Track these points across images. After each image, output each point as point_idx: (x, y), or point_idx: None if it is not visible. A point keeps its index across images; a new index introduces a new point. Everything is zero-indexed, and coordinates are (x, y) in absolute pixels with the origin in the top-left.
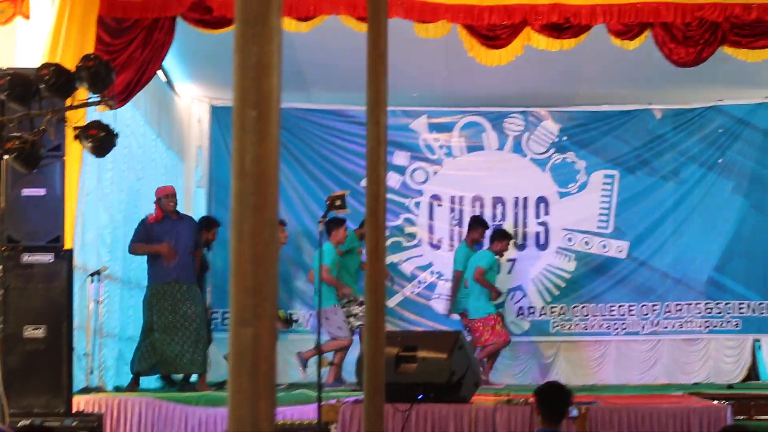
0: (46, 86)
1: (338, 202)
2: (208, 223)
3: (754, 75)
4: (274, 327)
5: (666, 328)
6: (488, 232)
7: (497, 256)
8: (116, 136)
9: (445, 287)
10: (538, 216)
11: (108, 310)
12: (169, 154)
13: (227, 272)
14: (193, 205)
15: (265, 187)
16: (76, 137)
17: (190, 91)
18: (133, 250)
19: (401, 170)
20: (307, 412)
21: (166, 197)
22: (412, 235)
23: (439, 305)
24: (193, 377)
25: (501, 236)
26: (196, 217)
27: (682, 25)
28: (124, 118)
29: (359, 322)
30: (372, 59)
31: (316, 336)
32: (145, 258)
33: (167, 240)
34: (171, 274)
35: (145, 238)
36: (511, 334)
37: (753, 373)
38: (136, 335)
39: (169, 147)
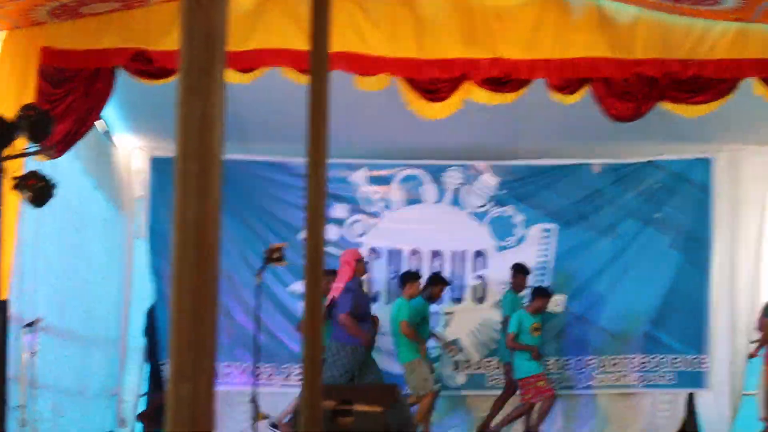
0: None
1: (276, 255)
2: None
3: (691, 130)
4: (213, 382)
5: (602, 382)
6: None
7: (537, 314)
8: (54, 186)
9: (383, 340)
10: (475, 269)
11: (43, 362)
12: (107, 206)
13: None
14: (134, 255)
15: (206, 241)
16: (15, 187)
17: (129, 142)
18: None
19: (340, 223)
20: None
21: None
22: None
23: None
24: None
25: (541, 294)
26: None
27: (621, 81)
28: (63, 168)
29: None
30: (313, 113)
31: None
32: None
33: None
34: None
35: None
36: (547, 392)
37: (689, 427)
38: (73, 388)
39: (108, 198)
